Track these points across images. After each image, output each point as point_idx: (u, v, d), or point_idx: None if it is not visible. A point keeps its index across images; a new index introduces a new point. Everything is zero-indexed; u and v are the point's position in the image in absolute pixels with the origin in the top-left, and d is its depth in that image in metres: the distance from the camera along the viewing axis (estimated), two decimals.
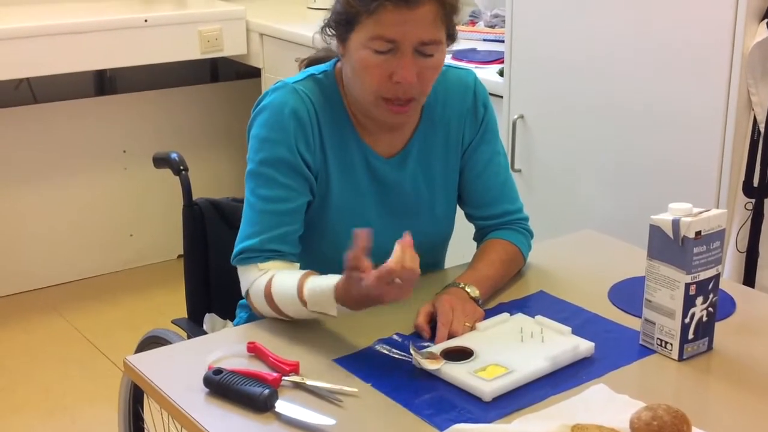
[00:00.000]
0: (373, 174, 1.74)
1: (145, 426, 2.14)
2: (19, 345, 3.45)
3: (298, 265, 1.67)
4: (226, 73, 4.23)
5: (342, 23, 1.63)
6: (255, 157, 1.68)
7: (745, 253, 2.20)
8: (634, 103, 2.36)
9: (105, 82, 3.99)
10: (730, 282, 2.03)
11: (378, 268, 1.41)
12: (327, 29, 1.68)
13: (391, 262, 1.40)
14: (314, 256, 1.70)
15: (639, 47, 2.33)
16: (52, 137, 3.80)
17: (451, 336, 1.55)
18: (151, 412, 2.11)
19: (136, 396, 2.09)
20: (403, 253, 1.40)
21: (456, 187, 1.83)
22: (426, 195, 1.78)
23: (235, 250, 1.68)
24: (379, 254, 1.48)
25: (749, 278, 2.20)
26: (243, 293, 1.68)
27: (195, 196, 2.06)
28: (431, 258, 1.83)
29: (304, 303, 1.54)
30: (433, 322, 1.59)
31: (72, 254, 3.92)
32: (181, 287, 2.10)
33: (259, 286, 1.62)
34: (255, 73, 3.84)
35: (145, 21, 3.52)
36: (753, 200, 2.17)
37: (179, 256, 4.11)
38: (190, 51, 3.68)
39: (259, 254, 1.65)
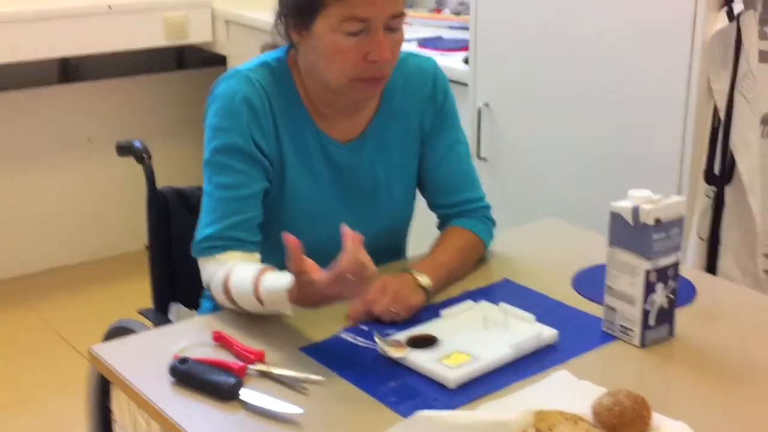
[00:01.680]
0: (329, 159, 1.74)
1: (113, 416, 2.14)
2: None
3: (258, 254, 1.67)
4: (191, 60, 4.21)
5: (303, 11, 1.61)
6: (209, 146, 1.68)
7: (706, 241, 2.23)
8: (598, 91, 2.39)
9: (69, 70, 3.95)
10: (691, 269, 2.05)
11: (331, 269, 1.40)
12: (281, 19, 1.68)
13: (343, 260, 1.39)
14: (273, 244, 1.69)
15: (601, 36, 2.35)
16: (16, 126, 3.77)
17: (372, 316, 1.58)
18: (119, 402, 2.11)
19: (104, 386, 2.09)
20: (354, 249, 1.39)
21: (415, 174, 1.83)
22: (384, 179, 1.79)
23: (195, 240, 1.68)
24: (339, 240, 1.48)
25: (711, 266, 2.23)
26: (204, 285, 1.68)
27: (160, 185, 2.06)
28: (391, 244, 1.84)
29: (260, 302, 1.54)
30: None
31: (38, 245, 3.89)
32: (147, 277, 2.09)
33: (218, 281, 1.62)
34: (221, 60, 3.83)
35: (110, 7, 3.51)
36: (714, 188, 2.20)
37: (146, 246, 4.08)
38: (156, 38, 3.67)
39: (218, 243, 1.65)
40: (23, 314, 3.57)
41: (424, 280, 1.66)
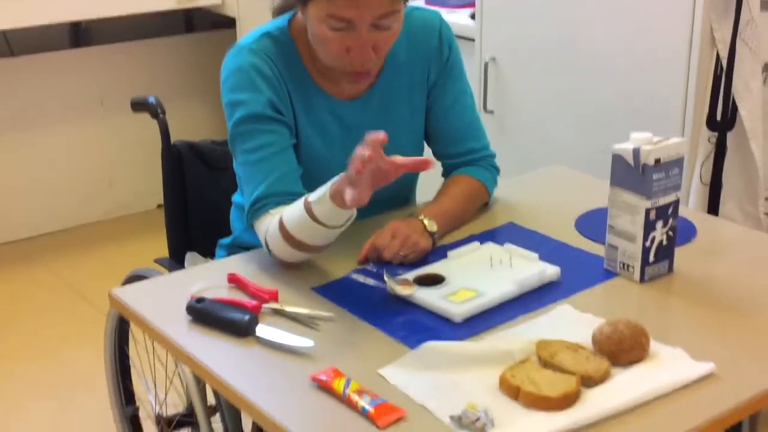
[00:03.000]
0: (337, 118, 1.77)
1: (131, 363, 2.20)
2: (2, 295, 3.50)
3: None
4: (200, 23, 4.24)
5: None
6: (231, 121, 1.70)
7: (709, 186, 2.27)
8: (602, 42, 2.42)
9: (80, 34, 4.00)
10: (692, 210, 2.10)
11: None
12: None
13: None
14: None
15: None
16: (29, 90, 3.82)
17: (382, 260, 1.63)
18: (137, 349, 2.18)
19: (121, 335, 2.15)
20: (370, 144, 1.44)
21: (422, 127, 1.87)
22: (391, 133, 1.82)
23: (247, 210, 1.67)
24: None
25: (713, 210, 2.28)
26: (264, 248, 1.65)
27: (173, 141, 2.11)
28: (400, 194, 1.89)
29: (307, 210, 1.53)
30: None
31: (53, 205, 3.96)
32: (161, 236, 2.15)
33: (273, 227, 1.60)
34: (230, 23, 3.86)
35: None
36: (716, 134, 2.24)
37: (159, 206, 4.16)
38: (166, 1, 3.69)
39: (268, 201, 1.65)
40: (40, 273, 3.65)
41: (431, 225, 1.71)
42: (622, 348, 1.33)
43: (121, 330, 2.13)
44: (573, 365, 1.30)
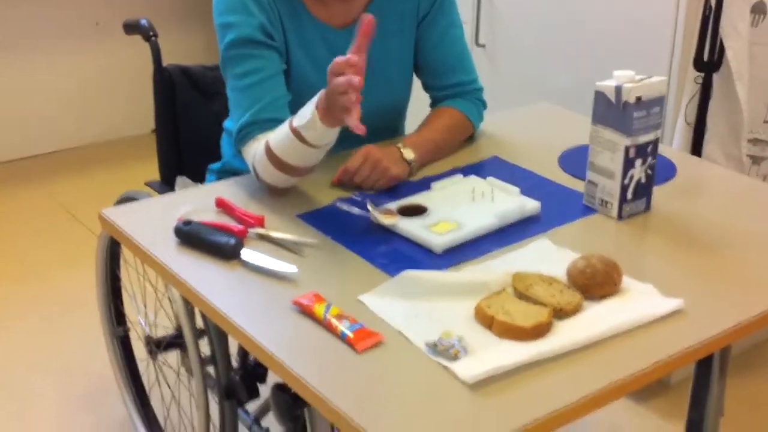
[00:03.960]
0: (329, 46, 1.79)
1: (121, 285, 2.25)
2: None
3: None
4: None
5: None
6: (222, 44, 1.72)
7: (693, 126, 2.30)
8: None
9: None
10: (674, 150, 2.13)
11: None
12: None
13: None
14: None
15: None
16: (25, 12, 3.81)
17: (353, 183, 1.68)
18: (127, 271, 2.23)
19: (112, 257, 2.19)
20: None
21: (411, 57, 1.89)
22: (381, 63, 1.85)
23: (234, 135, 1.71)
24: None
25: (697, 150, 2.31)
26: (252, 173, 1.69)
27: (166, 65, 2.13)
28: (389, 123, 1.92)
29: (291, 130, 1.55)
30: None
31: (47, 126, 3.97)
32: (155, 160, 2.17)
33: (260, 152, 1.63)
34: None
35: None
36: (702, 74, 2.26)
37: (153, 130, 4.16)
38: None
39: (255, 128, 1.68)
40: (35, 193, 3.68)
41: (408, 153, 1.75)
42: (595, 282, 1.38)
43: (113, 252, 2.18)
44: (546, 297, 1.35)
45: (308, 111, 1.54)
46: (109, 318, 2.26)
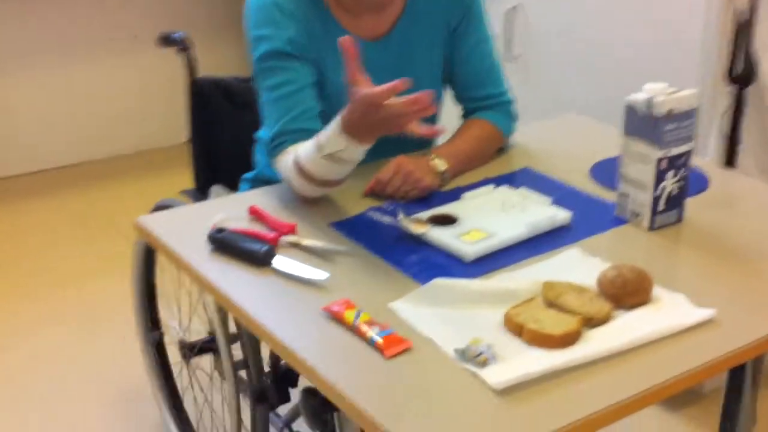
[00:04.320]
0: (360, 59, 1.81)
1: (157, 291, 2.28)
2: (36, 222, 3.59)
3: None
4: None
5: None
6: (254, 57, 1.74)
7: (727, 139, 2.30)
8: None
9: None
10: (707, 162, 2.12)
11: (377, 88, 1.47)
12: None
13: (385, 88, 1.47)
14: None
15: None
16: (66, 23, 3.87)
17: (384, 194, 1.69)
18: (163, 277, 2.25)
19: (148, 263, 2.22)
20: (391, 88, 1.47)
21: (441, 70, 1.90)
22: (411, 74, 1.85)
23: (267, 146, 1.73)
24: None
25: (730, 163, 2.30)
26: (284, 181, 1.71)
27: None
28: (419, 137, 1.92)
29: (318, 148, 1.58)
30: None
31: (87, 136, 4.04)
32: (189, 169, 2.20)
33: (289, 165, 1.66)
34: None
35: None
36: (736, 87, 2.25)
37: (187, 141, 4.21)
38: None
39: (286, 138, 1.70)
40: (74, 201, 3.74)
41: (440, 164, 1.76)
42: (626, 291, 1.38)
43: (148, 258, 2.21)
44: (577, 306, 1.35)
45: (333, 126, 1.55)
46: (145, 323, 2.29)
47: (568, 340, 1.29)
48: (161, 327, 2.32)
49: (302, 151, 1.63)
